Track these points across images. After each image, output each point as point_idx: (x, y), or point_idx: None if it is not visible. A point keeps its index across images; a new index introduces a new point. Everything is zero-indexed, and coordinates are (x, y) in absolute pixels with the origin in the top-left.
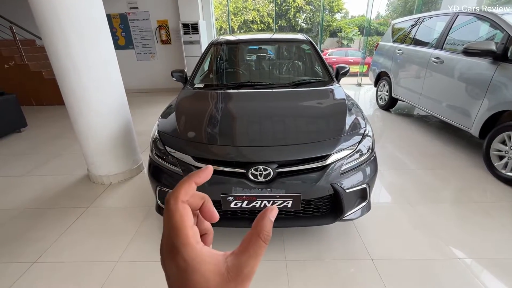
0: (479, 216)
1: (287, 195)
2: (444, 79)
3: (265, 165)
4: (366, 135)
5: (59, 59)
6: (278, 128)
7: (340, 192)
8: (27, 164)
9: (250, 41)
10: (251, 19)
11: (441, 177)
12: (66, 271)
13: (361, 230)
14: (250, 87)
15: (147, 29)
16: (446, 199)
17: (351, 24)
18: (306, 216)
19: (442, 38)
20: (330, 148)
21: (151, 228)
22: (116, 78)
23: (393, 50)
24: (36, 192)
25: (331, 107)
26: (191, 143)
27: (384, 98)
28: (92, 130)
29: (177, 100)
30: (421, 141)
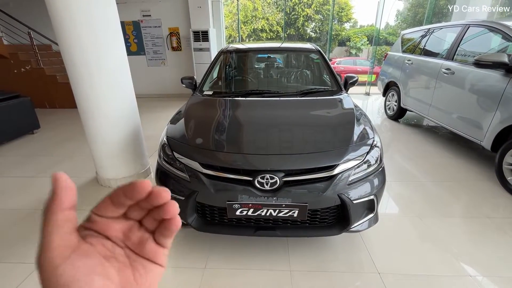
0: (492, 232)
1: (294, 204)
2: (455, 90)
3: (272, 173)
4: (375, 146)
5: (74, 64)
6: (285, 137)
7: (347, 203)
8: (39, 166)
9: (259, 50)
10: (260, 27)
11: (452, 190)
12: None
13: (368, 242)
14: (258, 95)
15: (159, 36)
16: (457, 213)
17: (359, 33)
18: (312, 227)
19: (453, 49)
20: (337, 158)
21: None
22: (128, 84)
23: (402, 60)
24: (46, 194)
25: (339, 117)
26: (199, 149)
27: (393, 108)
28: (103, 134)
29: (186, 106)
30: (431, 152)
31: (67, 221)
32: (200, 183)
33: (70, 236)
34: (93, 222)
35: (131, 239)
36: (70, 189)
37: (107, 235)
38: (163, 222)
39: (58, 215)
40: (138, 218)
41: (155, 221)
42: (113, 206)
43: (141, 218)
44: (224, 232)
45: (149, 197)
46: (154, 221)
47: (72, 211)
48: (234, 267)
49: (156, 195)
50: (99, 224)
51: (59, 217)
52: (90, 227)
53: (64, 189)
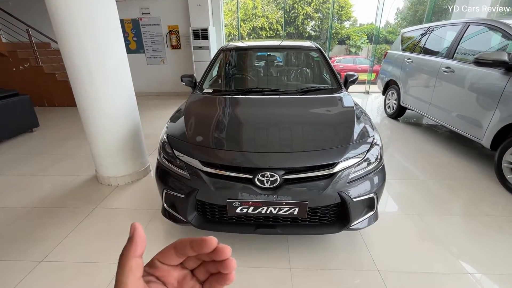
0: (491, 230)
1: (294, 202)
2: (455, 89)
3: (272, 171)
4: (375, 144)
5: (74, 62)
6: (285, 135)
7: (347, 200)
8: (38, 164)
9: (259, 48)
10: (260, 25)
11: (451, 188)
12: (71, 271)
13: (367, 240)
14: (258, 93)
15: (158, 34)
16: (456, 211)
17: (359, 32)
18: (312, 224)
19: (453, 48)
20: (338, 156)
21: (156, 231)
22: (128, 82)
23: (402, 58)
24: (45, 192)
25: (340, 115)
26: (199, 147)
27: (393, 107)
28: (102, 132)
29: (186, 104)
30: (430, 150)
31: (138, 267)
32: (200, 181)
33: (139, 280)
34: (155, 268)
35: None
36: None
37: (165, 282)
38: (216, 274)
39: (132, 261)
40: (192, 267)
41: (207, 272)
42: (176, 256)
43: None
44: (224, 230)
45: (213, 252)
46: (206, 272)
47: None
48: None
49: (220, 252)
50: (160, 270)
51: (133, 263)
52: (152, 273)
53: (139, 238)
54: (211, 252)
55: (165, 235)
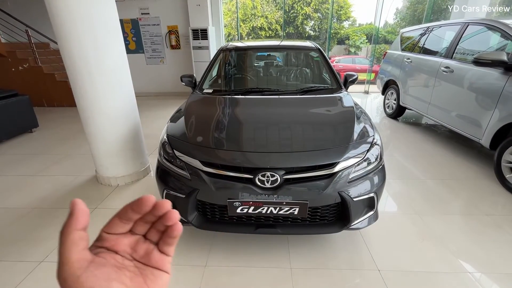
0: (491, 229)
1: (294, 202)
2: (454, 88)
3: (273, 171)
4: (375, 144)
5: (74, 62)
6: (286, 135)
7: (348, 200)
8: (38, 164)
9: (259, 48)
10: (259, 25)
11: (451, 187)
12: None
13: (367, 240)
14: (258, 93)
15: (157, 34)
16: (456, 211)
17: (358, 32)
18: (312, 224)
19: (452, 48)
20: (338, 156)
21: None
22: (127, 82)
23: (401, 58)
24: (45, 192)
25: (339, 115)
26: (199, 147)
27: (392, 107)
28: (102, 133)
29: (186, 104)
30: (430, 150)
31: (81, 239)
32: (201, 181)
33: (84, 251)
34: (103, 240)
35: (138, 251)
36: (85, 213)
37: (116, 250)
38: (166, 231)
39: (74, 234)
40: (143, 232)
41: (158, 232)
42: (121, 222)
43: (146, 232)
44: (224, 230)
45: (153, 209)
46: (158, 232)
47: (85, 232)
48: (235, 265)
49: (159, 206)
50: (108, 241)
51: (75, 235)
52: (100, 245)
53: (80, 212)
54: (153, 210)
55: None
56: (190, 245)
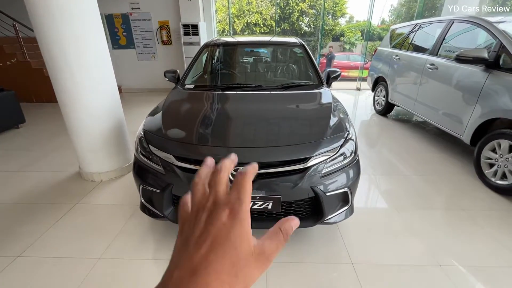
0: (466, 224)
1: (267, 196)
2: (438, 85)
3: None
4: (349, 139)
5: (53, 57)
6: (260, 130)
7: (321, 195)
8: (22, 160)
9: (242, 44)
10: (254, 21)
11: (432, 183)
12: (48, 267)
13: (344, 234)
14: (237, 88)
15: (149, 30)
16: (434, 206)
17: (354, 28)
18: None
19: (437, 45)
20: (310, 151)
21: (136, 226)
22: (110, 77)
23: (390, 55)
24: (28, 187)
25: (316, 111)
26: (174, 142)
27: (381, 103)
28: (84, 128)
29: (165, 99)
30: (416, 147)
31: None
32: (175, 176)
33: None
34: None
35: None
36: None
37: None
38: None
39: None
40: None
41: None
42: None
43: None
44: None
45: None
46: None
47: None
48: None
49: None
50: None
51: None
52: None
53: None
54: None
55: (146, 230)
56: (167, 241)
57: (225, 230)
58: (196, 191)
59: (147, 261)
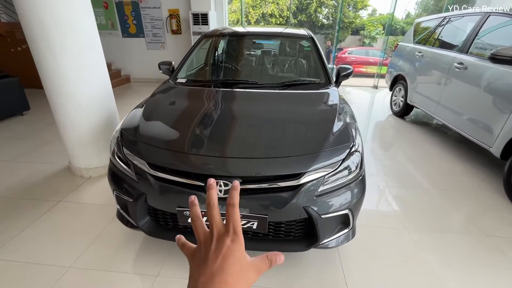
0: (490, 254)
1: (251, 215)
2: (466, 88)
3: (226, 179)
4: (354, 152)
5: (36, 42)
6: (249, 137)
7: (315, 217)
8: (18, 149)
9: (243, 35)
10: (270, 12)
11: (452, 200)
12: (13, 272)
13: (344, 258)
14: (232, 85)
15: (158, 18)
16: (453, 229)
17: (375, 22)
18: (276, 239)
19: (468, 41)
20: (305, 165)
21: (115, 232)
22: (99, 66)
23: (413, 52)
24: (15, 180)
25: (318, 115)
26: (148, 146)
27: (399, 104)
28: (71, 121)
29: (151, 95)
30: (435, 154)
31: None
32: (148, 185)
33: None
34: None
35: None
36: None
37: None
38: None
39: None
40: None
41: None
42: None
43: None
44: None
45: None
46: None
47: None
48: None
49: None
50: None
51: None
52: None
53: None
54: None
55: (125, 237)
56: (146, 252)
57: (230, 250)
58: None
59: (122, 274)
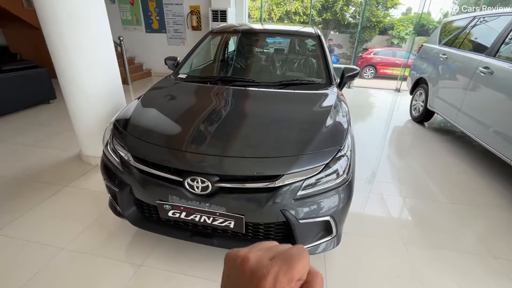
0: (495, 278)
1: (228, 214)
2: (491, 94)
3: (203, 176)
4: (341, 157)
5: (50, 36)
6: (231, 135)
7: (292, 221)
8: (38, 135)
9: (246, 32)
10: (293, 10)
11: (463, 215)
12: (14, 249)
13: (330, 267)
14: (228, 83)
15: (180, 14)
16: (456, 246)
17: (405, 21)
18: (254, 240)
19: (497, 44)
20: (283, 168)
21: (110, 219)
22: (110, 60)
23: (437, 54)
24: (30, 163)
25: (308, 117)
26: (134, 139)
27: (419, 109)
28: (80, 111)
29: (149, 89)
30: (453, 165)
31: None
32: (132, 177)
33: None
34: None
35: None
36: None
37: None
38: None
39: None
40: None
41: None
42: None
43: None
44: (158, 232)
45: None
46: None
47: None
48: (171, 270)
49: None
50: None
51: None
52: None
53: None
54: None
55: (118, 226)
56: (136, 241)
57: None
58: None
59: (108, 260)
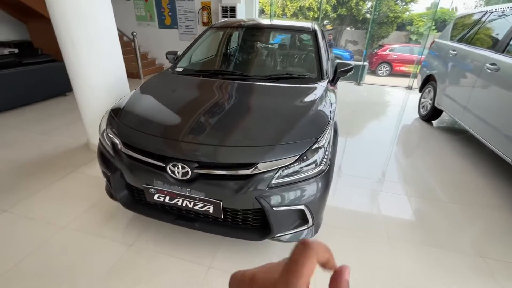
0: (478, 276)
1: (207, 199)
2: (498, 92)
3: (183, 162)
4: (318, 148)
5: (58, 29)
6: (212, 124)
7: (266, 208)
8: (53, 125)
9: (242, 28)
10: (307, 5)
11: (463, 215)
12: (21, 226)
13: None
14: (220, 76)
15: (191, 10)
16: (450, 245)
17: (425, 17)
18: (233, 226)
19: (506, 39)
20: (258, 156)
21: (109, 203)
22: (115, 54)
23: (447, 50)
24: (44, 150)
25: (290, 109)
26: (124, 126)
27: (427, 107)
28: (87, 103)
29: (146, 81)
30: (460, 166)
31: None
32: (121, 162)
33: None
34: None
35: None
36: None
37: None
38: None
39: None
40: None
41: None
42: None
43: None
44: (145, 214)
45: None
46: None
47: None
48: (159, 251)
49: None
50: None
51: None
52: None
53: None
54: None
55: (116, 209)
56: (126, 221)
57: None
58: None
59: (102, 240)
